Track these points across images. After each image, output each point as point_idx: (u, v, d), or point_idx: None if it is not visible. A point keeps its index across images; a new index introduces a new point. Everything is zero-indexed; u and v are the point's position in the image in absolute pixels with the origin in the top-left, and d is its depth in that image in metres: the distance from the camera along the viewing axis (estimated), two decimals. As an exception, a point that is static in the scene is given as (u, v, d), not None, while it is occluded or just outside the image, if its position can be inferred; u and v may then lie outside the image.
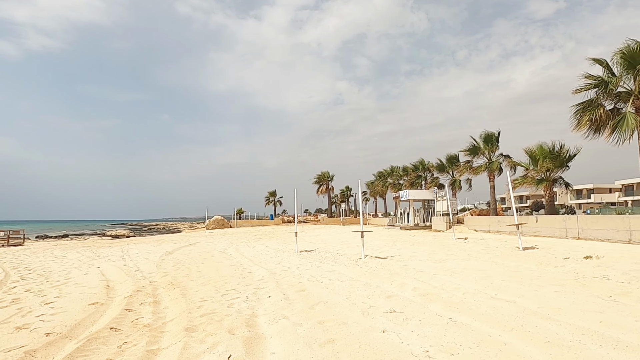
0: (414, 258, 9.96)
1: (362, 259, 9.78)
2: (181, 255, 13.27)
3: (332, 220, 47.94)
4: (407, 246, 13.41)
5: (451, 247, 12.61)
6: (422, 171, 31.19)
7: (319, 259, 10.60)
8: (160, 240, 23.35)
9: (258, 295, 6.11)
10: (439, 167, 27.08)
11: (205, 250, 14.60)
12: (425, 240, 15.76)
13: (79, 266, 10.97)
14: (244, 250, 14.44)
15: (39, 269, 10.73)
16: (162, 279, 8.27)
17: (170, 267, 10.16)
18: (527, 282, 6.17)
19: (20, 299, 6.57)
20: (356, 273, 7.79)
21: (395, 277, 7.04)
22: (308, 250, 13.03)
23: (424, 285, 6.25)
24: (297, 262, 10.11)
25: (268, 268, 9.18)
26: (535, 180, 18.34)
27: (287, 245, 15.78)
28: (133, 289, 7.06)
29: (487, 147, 22.58)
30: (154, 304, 5.84)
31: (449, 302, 5.10)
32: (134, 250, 15.72)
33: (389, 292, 5.88)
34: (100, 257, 13.43)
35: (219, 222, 43.05)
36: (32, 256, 14.44)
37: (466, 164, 23.94)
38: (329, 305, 5.19)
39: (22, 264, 12.13)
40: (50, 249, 18.23)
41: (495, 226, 20.21)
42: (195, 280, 7.93)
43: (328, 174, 51.98)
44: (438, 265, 8.44)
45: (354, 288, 6.28)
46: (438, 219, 23.57)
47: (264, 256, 11.98)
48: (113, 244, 20.85)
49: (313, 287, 6.56)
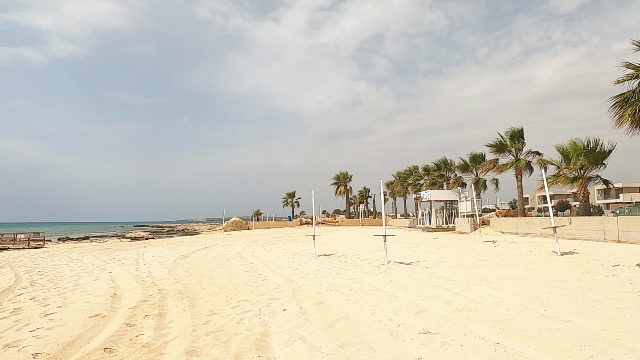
0: (441, 264, 9.19)
1: (385, 265, 9.08)
2: (196, 259, 12.85)
3: (351, 222, 47.13)
4: (432, 250, 12.61)
5: (480, 251, 11.74)
6: (445, 171, 30.09)
7: (339, 264, 9.96)
8: (177, 242, 23.16)
9: (272, 308, 5.52)
10: (462, 166, 25.94)
11: (220, 254, 14.16)
12: (450, 244, 14.90)
13: (90, 271, 10.66)
14: (260, 254, 13.92)
15: (50, 273, 10.48)
16: (172, 286, 7.79)
17: (183, 272, 9.71)
18: (579, 296, 5.37)
19: (22, 309, 6.19)
20: (379, 281, 7.12)
21: (424, 287, 6.33)
22: (327, 255, 12.40)
23: (458, 297, 5.53)
24: (315, 267, 9.50)
25: (284, 275, 8.59)
26: (569, 179, 17.15)
27: (305, 248, 15.19)
28: (139, 299, 6.59)
29: (514, 144, 21.40)
30: (159, 318, 5.32)
31: (491, 320, 4.38)
32: (149, 253, 15.44)
33: (419, 306, 5.19)
34: (115, 260, 13.15)
35: (236, 223, 42.88)
36: (48, 259, 14.31)
37: (491, 162, 22.80)
38: (351, 323, 4.55)
39: (36, 267, 11.95)
40: (68, 251, 18.18)
41: (524, 228, 19.10)
42: (207, 288, 7.42)
43: (346, 174, 50.97)
44: (469, 273, 7.67)
45: (378, 300, 5.61)
46: (462, 221, 22.56)
47: (280, 261, 11.41)
48: (130, 247, 20.73)
49: (333, 298, 5.93)
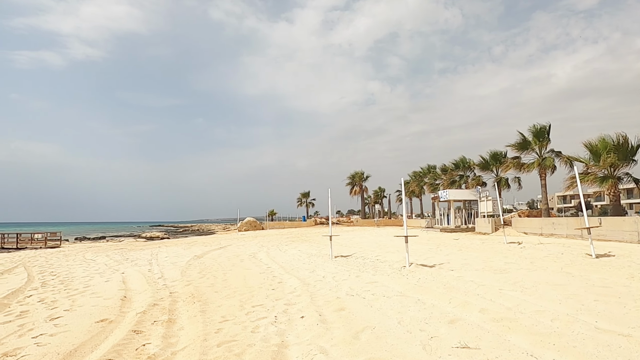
0: (467, 267, 8.64)
1: (406, 268, 8.58)
2: (209, 260, 12.56)
3: (366, 222, 46.50)
4: (454, 251, 12.03)
5: (506, 253, 11.12)
6: (463, 170, 29.25)
7: (357, 266, 9.49)
8: (191, 242, 23.02)
9: (289, 315, 5.10)
10: (482, 164, 25.08)
11: (234, 255, 13.85)
12: (472, 245, 14.26)
13: (103, 271, 10.46)
14: (275, 254, 13.56)
15: (63, 274, 10.33)
16: (184, 288, 7.46)
17: (196, 274, 9.39)
18: (631, 305, 4.80)
19: (29, 312, 5.94)
20: (403, 286, 6.63)
21: (453, 293, 5.83)
22: (344, 256, 11.94)
23: (494, 305, 5.01)
24: (332, 270, 9.06)
25: (301, 277, 8.18)
26: (598, 178, 16.28)
27: (321, 249, 14.76)
28: (149, 302, 6.26)
29: (538, 142, 20.52)
30: (168, 324, 4.96)
31: (536, 333, 3.87)
32: (163, 253, 15.25)
33: (451, 314, 4.70)
34: (128, 261, 12.97)
35: (251, 223, 42.75)
36: (62, 259, 14.24)
37: (513, 160, 21.93)
38: (377, 333, 4.10)
39: (50, 267, 11.84)
40: (84, 251, 18.18)
41: (548, 229, 18.28)
42: (220, 291, 7.06)
43: (362, 173, 50.24)
44: (500, 277, 7.11)
45: (404, 307, 5.14)
46: (482, 221, 21.80)
47: (296, 262, 11.01)
48: (145, 247, 20.66)
49: (354, 304, 5.48)
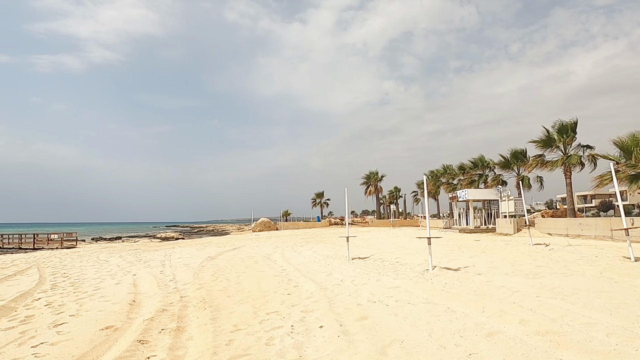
0: (495, 270, 8.07)
1: (429, 271, 8.06)
2: (223, 261, 12.25)
3: (381, 222, 45.81)
4: (478, 253, 11.43)
5: (534, 255, 10.47)
6: (482, 169, 28.37)
7: (376, 269, 9.02)
8: (205, 243, 22.85)
9: (307, 324, 4.68)
10: (503, 163, 24.22)
11: (248, 256, 13.52)
12: (495, 246, 13.60)
13: (115, 273, 10.24)
14: (290, 256, 13.17)
15: (75, 275, 10.15)
16: (196, 292, 7.12)
17: (208, 276, 9.06)
18: (696, 316, 4.22)
19: (34, 317, 5.67)
20: (429, 291, 6.14)
21: (486, 301, 5.31)
22: (361, 258, 11.47)
23: (535, 315, 4.49)
24: (350, 273, 8.60)
25: (317, 281, 7.75)
26: (629, 177, 15.36)
27: (337, 250, 14.31)
28: (158, 307, 5.92)
29: (563, 138, 19.62)
30: (176, 333, 4.59)
31: (591, 350, 3.35)
32: (176, 254, 15.03)
33: (487, 326, 4.21)
34: (141, 262, 12.76)
35: (265, 224, 42.56)
36: (76, 260, 14.15)
37: (537, 158, 21.05)
38: (407, 348, 3.63)
39: (63, 268, 11.72)
40: (98, 252, 18.14)
41: (575, 229, 17.43)
42: (233, 296, 6.68)
43: (376, 173, 49.50)
44: (534, 283, 6.55)
45: (433, 317, 4.66)
46: (503, 221, 21.00)
47: (312, 264, 10.59)
48: (160, 247, 20.55)
49: (377, 312, 5.02)
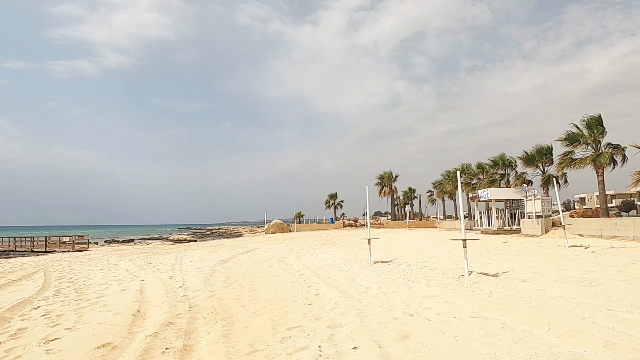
0: (539, 277, 7.18)
1: (466, 277, 7.22)
2: (236, 265, 11.57)
3: (397, 224, 44.75)
4: (512, 257, 10.50)
5: (578, 259, 9.51)
6: (503, 167, 27.22)
7: (404, 274, 8.20)
8: (218, 246, 22.27)
9: (336, 344, 3.92)
10: (527, 158, 23.03)
11: (262, 259, 12.82)
12: (528, 249, 12.62)
13: (122, 278, 9.64)
14: (306, 259, 12.42)
15: (81, 280, 9.60)
16: (206, 301, 6.42)
17: (220, 282, 8.37)
18: None
19: (27, 329, 5.04)
20: (473, 302, 5.31)
21: (547, 315, 4.46)
22: (384, 262, 10.65)
23: (620, 336, 3.63)
24: (376, 278, 7.81)
25: (340, 288, 6.98)
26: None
27: (356, 253, 13.51)
28: (164, 319, 5.23)
29: (593, 134, 18.46)
30: (182, 354, 3.88)
31: None
32: (188, 258, 14.42)
33: (563, 350, 3.38)
34: (151, 266, 12.17)
35: (278, 226, 41.93)
36: (85, 264, 13.66)
37: (565, 156, 19.89)
38: (471, 383, 2.84)
39: (70, 273, 11.22)
40: (109, 255, 17.69)
41: (610, 230, 16.28)
42: (247, 305, 5.96)
43: (391, 174, 48.47)
44: (595, 292, 5.66)
45: (490, 336, 3.85)
46: (530, 222, 19.89)
47: (331, 268, 9.83)
48: (171, 250, 20.03)
49: (419, 329, 4.23)
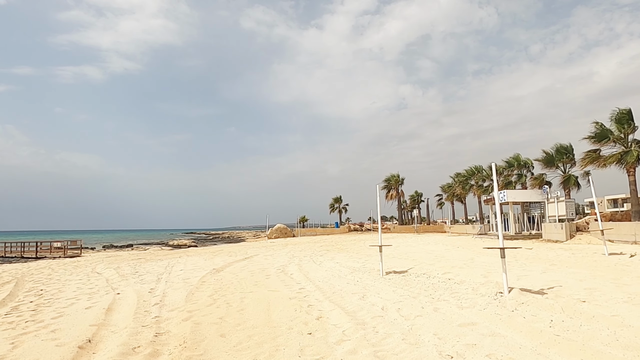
0: (599, 294, 5.73)
1: (505, 296, 5.80)
2: (229, 275, 10.24)
3: (404, 228, 43.17)
4: (548, 267, 9.05)
5: (631, 270, 8.03)
6: (518, 168, 25.70)
7: (425, 289, 6.80)
8: (216, 252, 20.96)
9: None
10: (546, 159, 21.51)
11: (260, 268, 11.47)
12: (561, 257, 11.13)
13: (97, 291, 8.39)
14: (308, 268, 11.06)
15: (50, 293, 8.43)
16: (179, 326, 5.08)
17: (205, 297, 7.04)
18: None
19: None
20: (532, 337, 3.90)
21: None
22: (398, 272, 9.25)
23: None
24: (391, 295, 6.42)
25: (349, 309, 5.60)
26: None
27: (365, 262, 12.10)
28: (117, 354, 3.90)
29: (623, 129, 16.94)
30: None
31: None
32: (180, 266, 13.11)
33: None
34: (136, 275, 10.90)
35: (281, 230, 40.56)
36: (67, 273, 12.45)
37: (591, 153, 18.35)
38: None
39: (46, 283, 10.08)
40: (98, 262, 16.47)
41: (645, 235, 14.75)
42: (228, 334, 4.62)
43: (398, 176, 46.89)
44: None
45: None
46: (552, 226, 18.35)
47: (336, 280, 8.45)
48: (166, 256, 18.76)
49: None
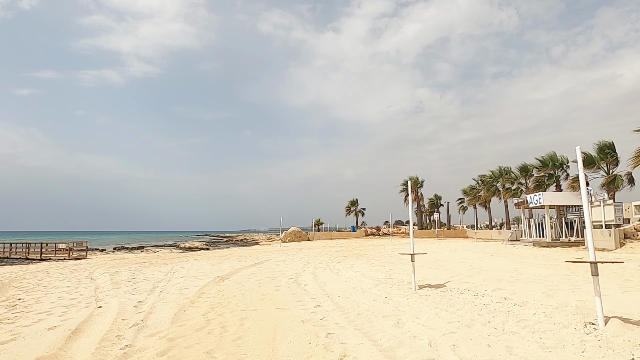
0: None
1: (602, 329, 4.24)
2: (234, 284, 8.91)
3: (424, 233, 41.23)
4: (626, 285, 7.38)
5: None
6: (552, 169, 23.73)
7: (477, 314, 5.27)
8: (226, 255, 19.71)
9: None
10: (587, 160, 19.63)
11: (270, 276, 10.11)
12: (625, 270, 9.37)
13: (78, 303, 7.17)
14: (325, 278, 9.62)
15: (27, 302, 7.45)
16: (153, 364, 3.73)
17: (198, 317, 5.68)
18: None
19: None
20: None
21: None
22: (433, 286, 7.73)
23: None
24: (435, 321, 4.93)
25: (383, 344, 4.14)
26: None
27: (389, 270, 10.59)
28: None
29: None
30: None
31: None
32: (182, 272, 11.86)
33: None
34: (131, 283, 9.69)
35: (295, 234, 39.19)
36: (59, 278, 11.38)
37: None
38: None
39: (30, 290, 9.09)
40: (100, 265, 15.42)
41: None
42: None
43: (417, 179, 45.17)
44: None
45: None
46: (599, 233, 16.43)
47: (360, 295, 6.99)
48: (173, 260, 17.62)
49: None
